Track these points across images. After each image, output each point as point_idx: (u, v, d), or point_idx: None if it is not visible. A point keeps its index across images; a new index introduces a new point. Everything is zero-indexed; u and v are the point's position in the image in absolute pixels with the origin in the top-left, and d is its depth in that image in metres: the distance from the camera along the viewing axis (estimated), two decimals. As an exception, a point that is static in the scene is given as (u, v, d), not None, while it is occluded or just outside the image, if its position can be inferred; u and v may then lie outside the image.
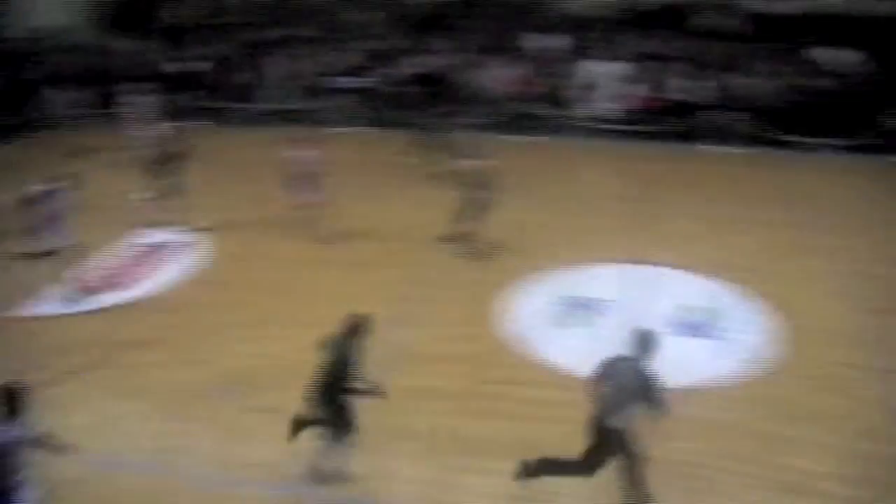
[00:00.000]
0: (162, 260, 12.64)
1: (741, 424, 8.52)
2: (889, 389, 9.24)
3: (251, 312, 10.91)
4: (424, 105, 18.78)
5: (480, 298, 11.11)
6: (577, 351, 9.80)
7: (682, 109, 18.59)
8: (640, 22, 20.58)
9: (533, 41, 20.29)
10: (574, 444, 7.06)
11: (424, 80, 19.47)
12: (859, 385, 9.29)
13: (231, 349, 9.99)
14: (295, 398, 7.45)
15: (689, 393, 8.78)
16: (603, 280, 11.71)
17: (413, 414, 8.46)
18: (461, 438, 8.20)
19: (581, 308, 10.97)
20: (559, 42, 20.21)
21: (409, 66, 19.95)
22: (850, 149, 17.82)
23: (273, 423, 7.97)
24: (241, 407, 8.75)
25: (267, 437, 8.07)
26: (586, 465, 7.02)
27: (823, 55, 19.09)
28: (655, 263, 12.19)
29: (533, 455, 7.35)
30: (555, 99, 19.31)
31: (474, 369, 8.41)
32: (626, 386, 6.70)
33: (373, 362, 7.34)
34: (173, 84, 19.24)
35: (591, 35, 20.44)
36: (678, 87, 18.93)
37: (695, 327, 10.49)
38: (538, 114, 18.95)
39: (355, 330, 7.34)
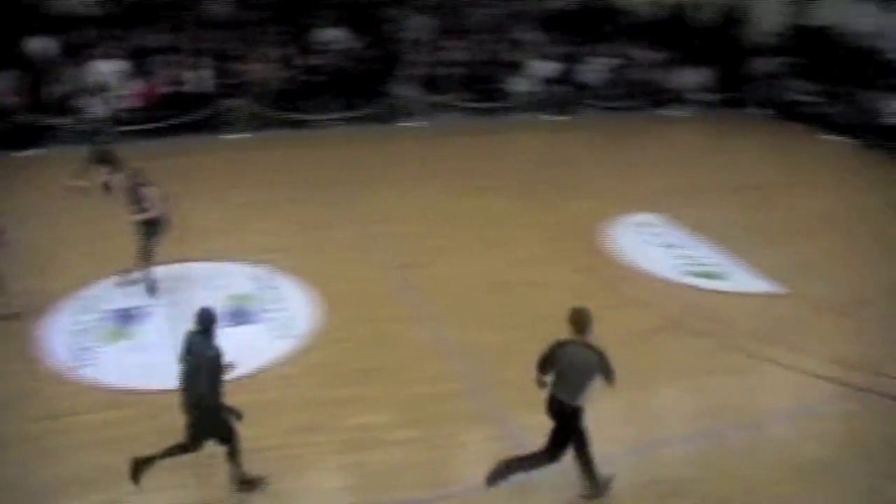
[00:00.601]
0: None
1: (301, 398, 9.07)
2: (427, 333, 10.44)
3: None
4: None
5: (15, 330, 10.14)
6: (131, 364, 9.53)
7: (192, 100, 18.60)
8: (137, 17, 19.95)
9: (29, 45, 18.53)
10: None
11: None
12: (400, 336, 10.41)
13: None
14: None
15: (248, 379, 9.05)
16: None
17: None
18: (39, 486, 7.52)
19: (126, 319, 10.62)
20: (55, 44, 18.75)
21: None
22: (360, 120, 20.11)
23: None
24: None
25: None
26: (551, 451, 7.32)
27: (327, 36, 20.55)
28: (194, 259, 12.25)
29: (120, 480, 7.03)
30: (59, 105, 17.89)
31: (29, 408, 7.62)
32: (578, 365, 7.06)
33: None
34: None
35: (87, 33, 19.27)
36: (186, 78, 18.84)
37: (242, 315, 10.81)
38: (41, 124, 17.45)
39: (209, 322, 6.84)
